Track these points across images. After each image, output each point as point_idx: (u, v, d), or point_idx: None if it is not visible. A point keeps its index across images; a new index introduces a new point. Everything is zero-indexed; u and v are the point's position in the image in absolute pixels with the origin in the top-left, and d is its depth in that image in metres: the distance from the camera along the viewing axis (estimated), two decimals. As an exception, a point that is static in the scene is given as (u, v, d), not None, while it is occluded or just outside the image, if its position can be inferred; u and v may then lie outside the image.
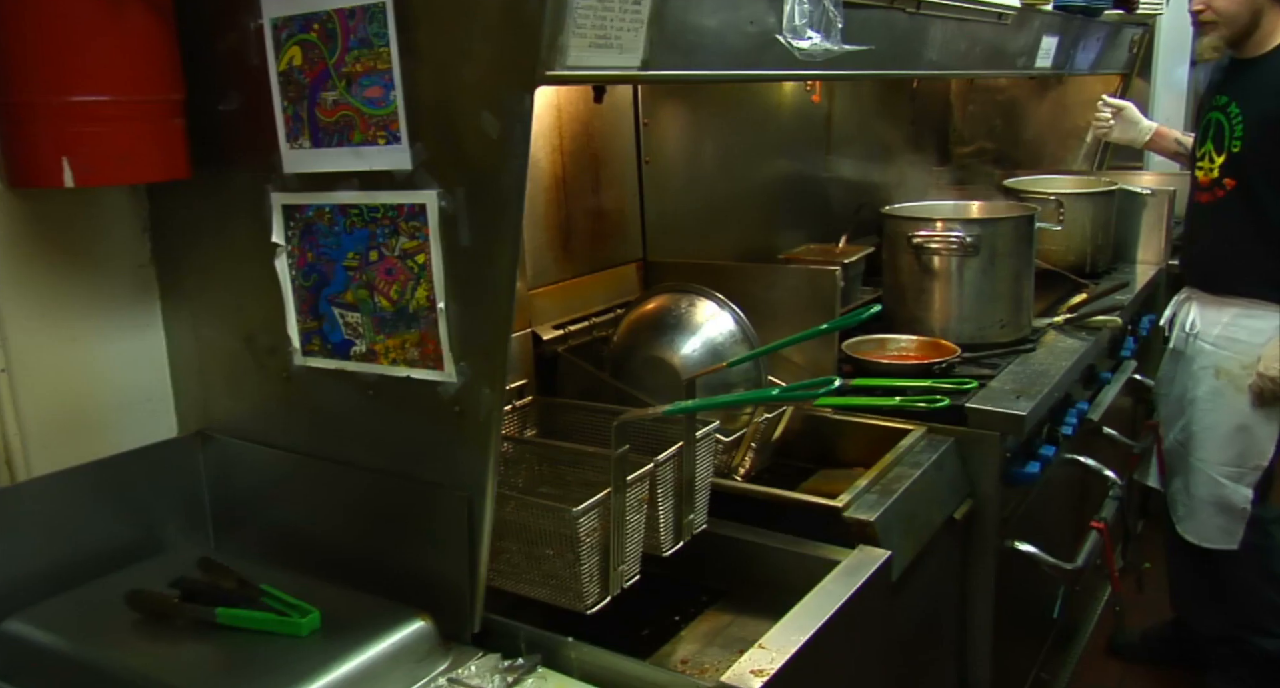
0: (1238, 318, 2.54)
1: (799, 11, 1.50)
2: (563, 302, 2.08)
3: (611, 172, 2.21)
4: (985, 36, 2.52)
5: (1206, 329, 2.60)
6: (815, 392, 1.35)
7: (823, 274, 2.13)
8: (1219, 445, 2.58)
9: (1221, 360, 2.56)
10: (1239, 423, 2.54)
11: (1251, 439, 2.54)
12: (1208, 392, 2.59)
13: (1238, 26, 2.40)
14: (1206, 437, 2.61)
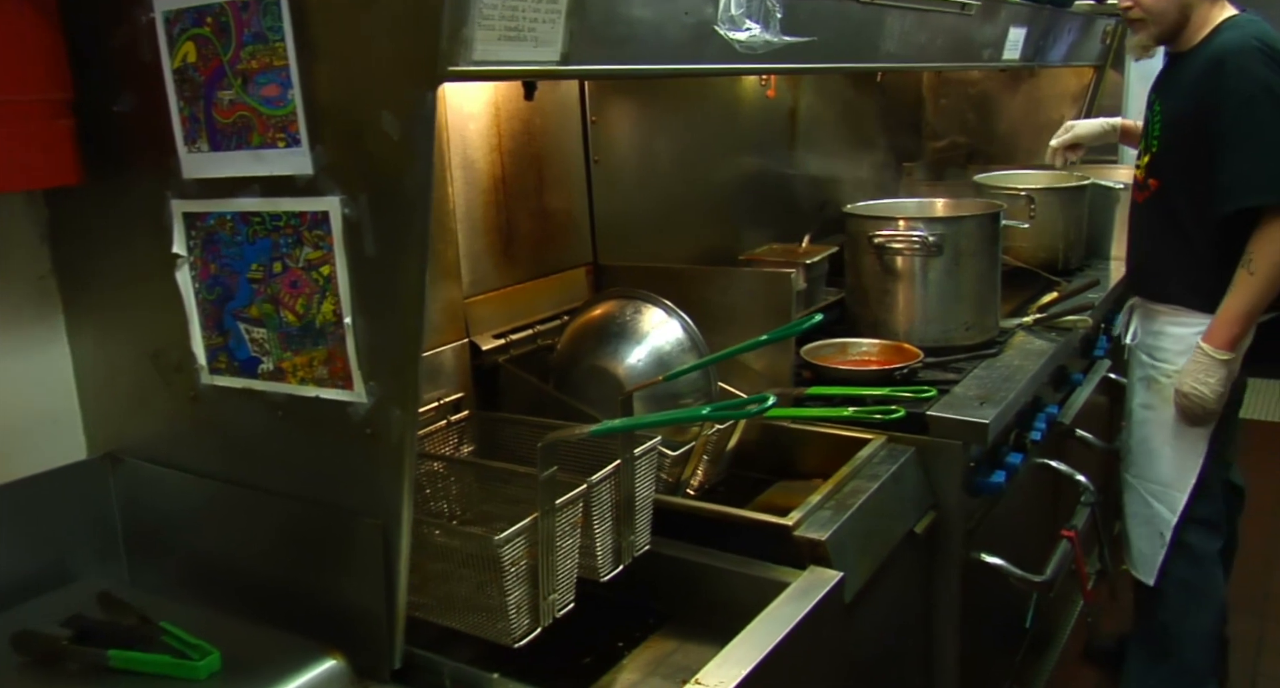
0: (1165, 325, 2.38)
1: (735, 1, 1.40)
2: (504, 309, 1.98)
3: (556, 172, 2.11)
4: (948, 28, 2.42)
5: (1142, 338, 2.47)
6: (747, 411, 1.26)
7: (778, 277, 2.04)
8: (1149, 462, 2.42)
9: (1151, 371, 2.41)
10: (1164, 438, 2.37)
11: (1177, 458, 2.36)
12: (1140, 404, 2.44)
13: (1166, 23, 2.26)
14: (1139, 451, 2.45)
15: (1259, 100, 2.09)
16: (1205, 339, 2.22)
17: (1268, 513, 4.23)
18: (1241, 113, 2.10)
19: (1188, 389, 2.25)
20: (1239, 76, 2.11)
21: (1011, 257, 3.19)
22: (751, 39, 1.46)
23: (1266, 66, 2.10)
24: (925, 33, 2.30)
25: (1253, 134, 2.10)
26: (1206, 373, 2.21)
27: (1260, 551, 3.89)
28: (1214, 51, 2.18)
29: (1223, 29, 2.22)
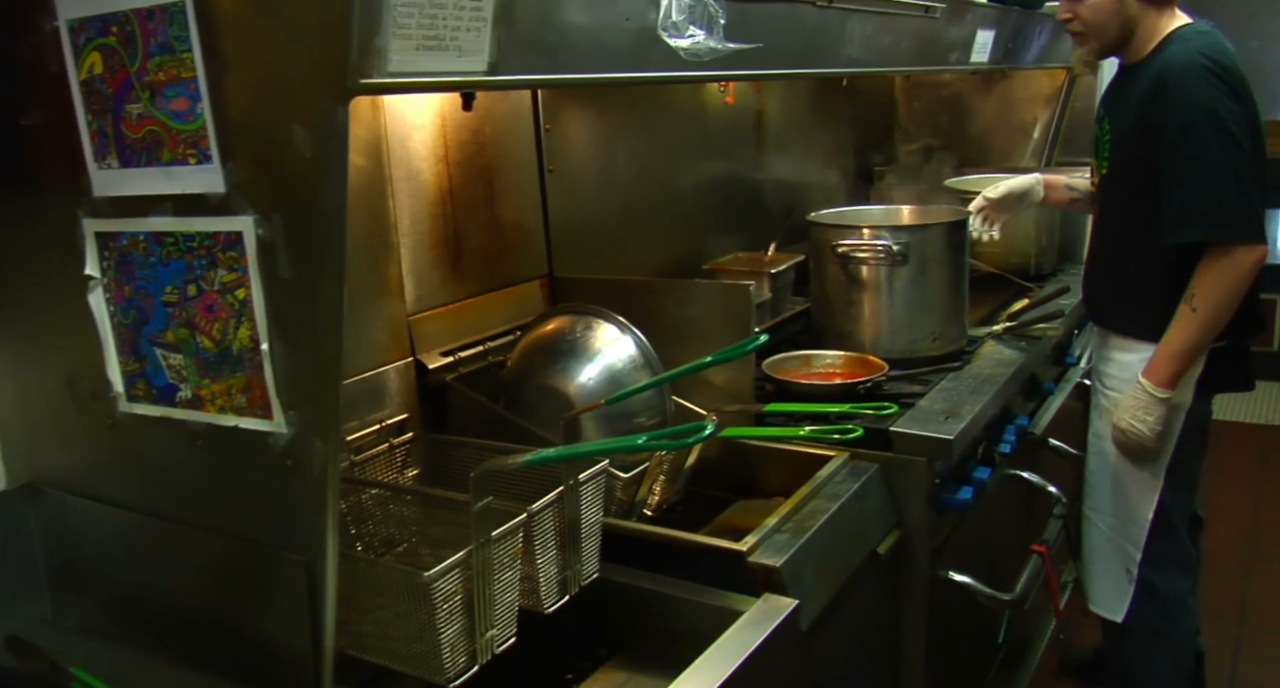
0: (1114, 352, 2.25)
1: (676, 6, 1.34)
2: (453, 325, 1.91)
3: (508, 182, 2.05)
4: (913, 31, 2.37)
5: (1095, 362, 2.36)
6: (684, 442, 1.20)
7: (737, 290, 1.98)
8: (1104, 493, 2.30)
9: (1102, 398, 2.28)
10: (1120, 470, 2.23)
11: (1130, 490, 2.22)
12: (1095, 433, 2.31)
13: (1108, 38, 2.12)
14: (1094, 482, 2.31)
15: (1201, 125, 1.95)
16: (1145, 374, 2.10)
17: (1244, 517, 4.20)
18: (1183, 138, 1.96)
19: (1124, 425, 2.13)
20: (1182, 98, 1.97)
21: (983, 262, 3.13)
22: (696, 46, 1.39)
23: (1211, 86, 1.96)
24: (889, 36, 2.24)
25: (1195, 161, 1.96)
26: (1145, 410, 2.09)
27: (1236, 555, 3.86)
28: (1159, 69, 2.03)
29: (1170, 42, 2.07)
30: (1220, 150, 1.93)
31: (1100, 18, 2.08)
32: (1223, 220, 1.96)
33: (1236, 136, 1.94)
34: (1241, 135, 1.95)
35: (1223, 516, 4.09)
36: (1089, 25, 2.10)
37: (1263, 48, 5.62)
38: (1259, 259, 1.99)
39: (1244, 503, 4.31)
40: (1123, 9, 2.07)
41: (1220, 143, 1.93)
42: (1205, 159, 1.94)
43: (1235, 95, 1.95)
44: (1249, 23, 5.61)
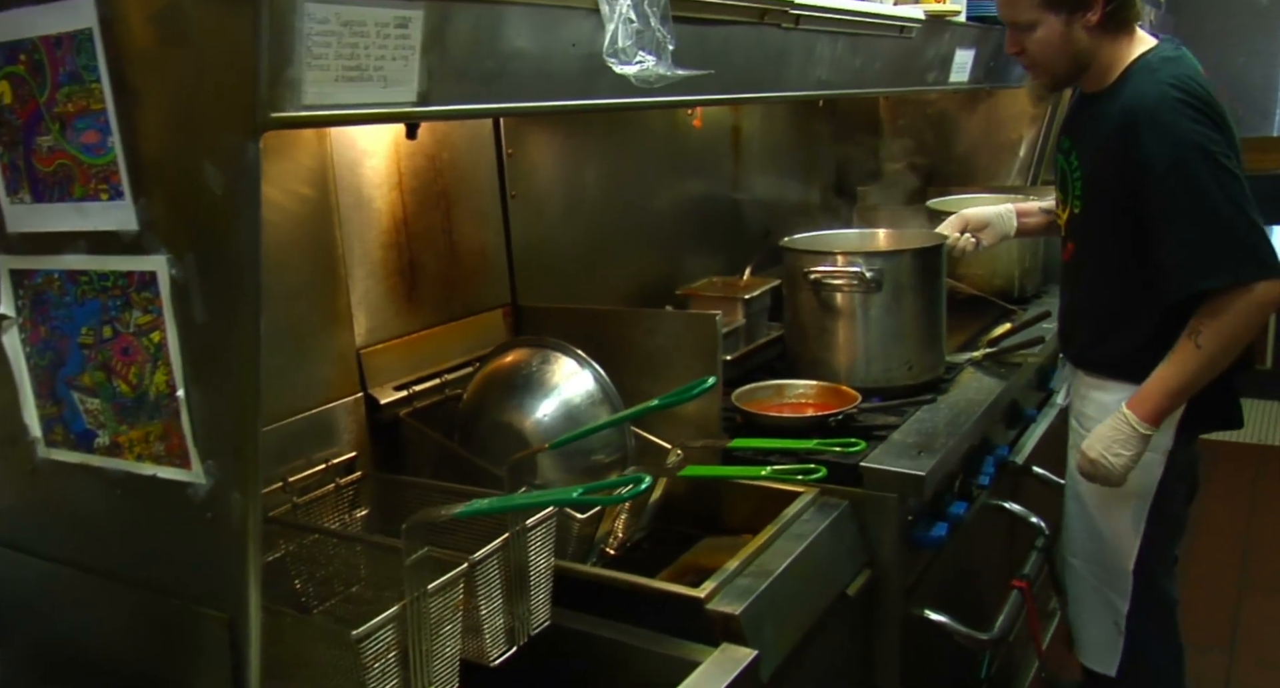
0: (1089, 390, 2.10)
1: (623, 32, 1.28)
2: (408, 358, 1.85)
3: (468, 209, 1.98)
4: (887, 51, 2.31)
5: (1071, 399, 2.23)
6: (618, 496, 1.13)
7: (703, 320, 1.92)
8: (1084, 540, 2.14)
9: (1079, 439, 2.09)
10: (1095, 515, 2.10)
11: (1110, 537, 2.08)
12: (1072, 476, 2.14)
13: (1057, 71, 1.97)
14: (1074, 527, 2.16)
15: (1189, 161, 1.79)
16: (1131, 406, 1.92)
17: (1235, 541, 4.13)
18: (1172, 179, 1.80)
19: (1095, 455, 1.96)
20: (1160, 137, 1.81)
21: (966, 284, 3.08)
22: (644, 72, 1.33)
23: (1190, 119, 1.80)
24: (861, 57, 2.19)
25: (1194, 201, 1.79)
26: (1122, 445, 1.92)
27: (1227, 581, 3.79)
28: (1127, 105, 1.86)
29: (1134, 72, 1.91)
30: (1218, 186, 1.79)
31: (1048, 52, 1.93)
32: (1243, 261, 1.80)
33: (1229, 168, 1.81)
34: (1233, 165, 1.82)
35: (1213, 539, 4.02)
36: (1036, 63, 1.97)
37: (1249, 64, 5.58)
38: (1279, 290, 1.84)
39: (1235, 526, 4.24)
40: (1071, 43, 1.90)
41: (1216, 177, 1.79)
42: (1204, 197, 1.79)
43: (1215, 124, 1.82)
44: (1234, 40, 5.58)
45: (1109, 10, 1.87)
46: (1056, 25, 1.89)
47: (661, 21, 1.30)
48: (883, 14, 2.18)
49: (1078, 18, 1.88)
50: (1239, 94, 5.53)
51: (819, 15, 1.91)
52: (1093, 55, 1.93)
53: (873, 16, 2.14)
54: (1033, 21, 1.91)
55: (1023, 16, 1.92)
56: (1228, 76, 5.52)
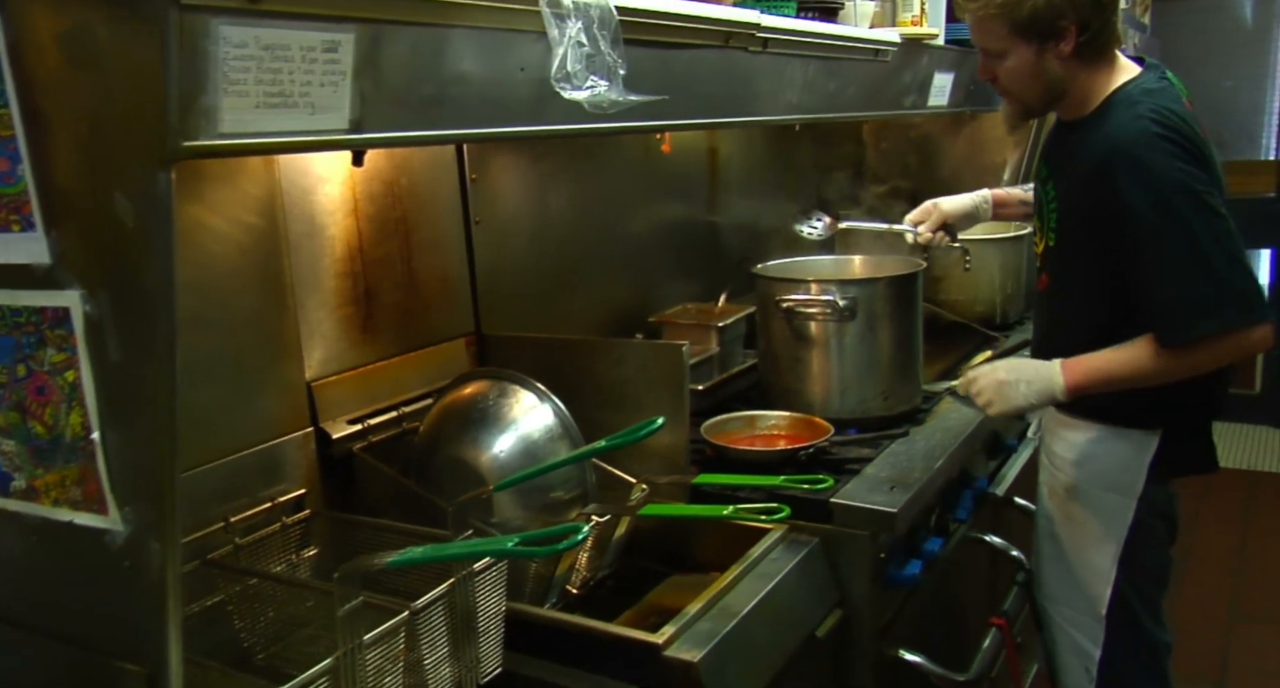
0: (1059, 427, 2.01)
1: (572, 56, 1.23)
2: (364, 390, 1.79)
3: (429, 236, 1.93)
4: (862, 75, 2.27)
5: (1044, 438, 2.11)
6: (555, 547, 1.08)
7: (669, 350, 1.86)
8: (1054, 580, 2.05)
9: (1047, 476, 2.05)
10: (1068, 557, 2.01)
11: (1082, 581, 1.98)
12: (1044, 515, 2.07)
13: (1030, 100, 1.88)
14: (1046, 570, 2.07)
15: (1172, 201, 1.70)
16: (1065, 368, 1.84)
17: (1226, 568, 4.07)
18: (1157, 220, 1.71)
19: (1005, 376, 1.88)
20: (1141, 176, 1.71)
21: (947, 310, 3.04)
22: (596, 97, 1.28)
23: (1171, 156, 1.70)
24: (835, 81, 2.15)
25: (1178, 245, 1.71)
26: (1033, 392, 1.85)
27: (1218, 610, 3.73)
28: (1107, 139, 1.77)
29: (1115, 104, 1.82)
30: (1205, 226, 1.70)
31: (1019, 81, 1.84)
32: (1234, 306, 1.72)
33: (1213, 206, 1.73)
34: (1217, 203, 1.74)
35: (1203, 569, 3.97)
36: (1007, 92, 1.90)
37: (1235, 88, 5.57)
38: (1268, 335, 1.76)
39: (1226, 555, 4.18)
40: (1043, 72, 1.81)
41: (1201, 217, 1.70)
42: (1192, 240, 1.70)
43: (1197, 160, 1.74)
44: (1220, 63, 5.57)
45: (1083, 40, 1.79)
46: (1027, 54, 1.81)
47: (612, 45, 1.25)
48: (856, 37, 2.14)
49: (1050, 47, 1.79)
50: (1225, 117, 5.52)
51: (789, 39, 1.86)
52: (1067, 84, 1.85)
53: (846, 40, 2.10)
54: (1003, 50, 1.83)
55: (993, 44, 1.84)
56: (1214, 100, 5.50)
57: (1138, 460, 1.92)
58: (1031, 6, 1.75)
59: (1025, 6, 1.75)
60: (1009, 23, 1.78)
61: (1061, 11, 1.75)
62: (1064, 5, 1.75)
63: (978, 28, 1.86)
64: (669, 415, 1.87)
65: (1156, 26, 5.45)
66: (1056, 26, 1.77)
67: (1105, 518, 1.95)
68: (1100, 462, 1.96)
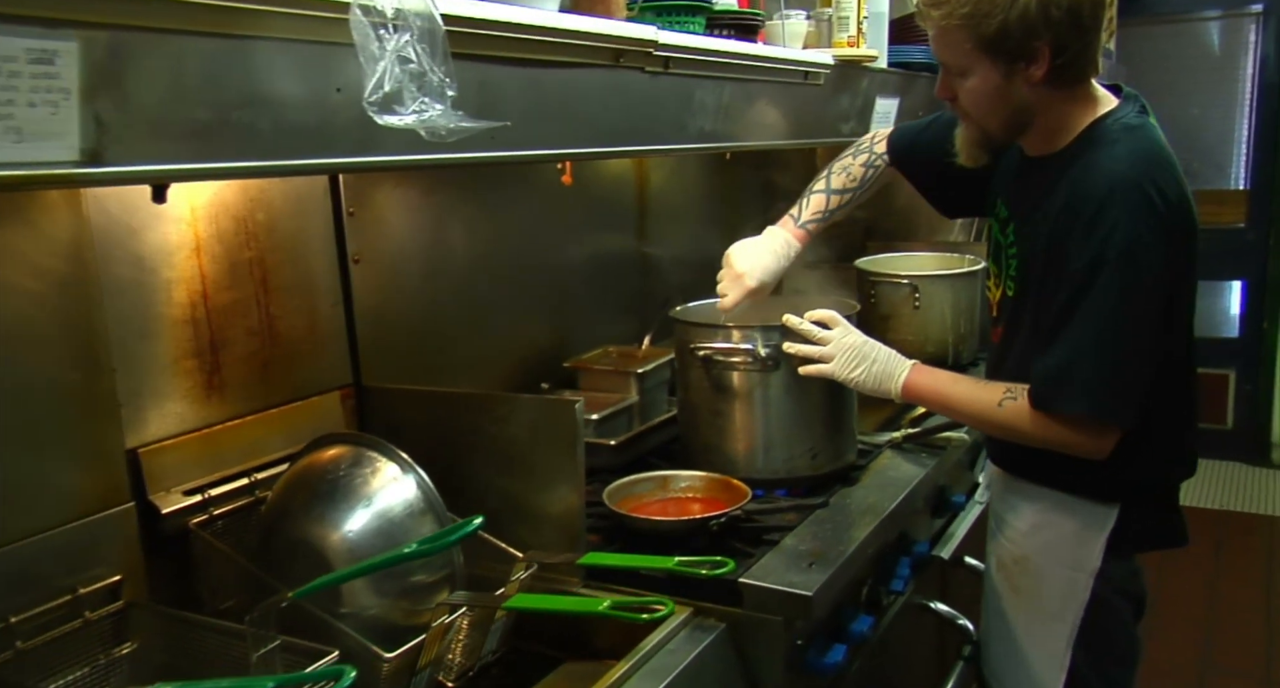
0: (1012, 495, 1.81)
1: (390, 74, 1.02)
2: (208, 455, 1.57)
3: (293, 276, 1.72)
4: (789, 99, 2.08)
5: (992, 499, 1.92)
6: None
7: (560, 407, 1.65)
8: (1001, 659, 1.84)
9: (998, 545, 1.85)
10: (1017, 634, 1.81)
11: (1033, 661, 1.79)
12: (992, 588, 1.87)
13: (993, 127, 1.64)
14: (993, 646, 1.87)
15: (1109, 268, 1.51)
16: (911, 375, 1.79)
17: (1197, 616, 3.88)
18: (1084, 282, 1.54)
19: (855, 341, 1.82)
20: (1096, 229, 1.52)
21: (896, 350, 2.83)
22: (429, 123, 1.07)
23: (1140, 216, 1.50)
24: (757, 106, 1.95)
25: (1091, 314, 1.54)
26: (870, 376, 1.81)
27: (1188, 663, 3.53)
28: (1080, 181, 1.56)
29: (1095, 141, 1.59)
30: (1127, 308, 1.53)
31: (981, 104, 1.60)
32: (1107, 398, 1.56)
33: (1149, 286, 1.53)
34: (1159, 281, 1.54)
35: (1172, 617, 3.77)
36: (967, 110, 1.64)
37: (1203, 116, 5.43)
38: (1108, 447, 1.61)
39: (1195, 602, 3.99)
40: (1010, 97, 1.58)
41: (1130, 297, 1.53)
42: (1105, 318, 1.54)
43: (1169, 221, 1.53)
44: (1189, 90, 5.43)
45: (1058, 64, 1.53)
46: (993, 76, 1.57)
47: (438, 61, 1.04)
48: (780, 58, 1.95)
49: (1019, 70, 1.55)
50: (1193, 146, 5.39)
51: (696, 59, 1.67)
52: (1036, 114, 1.62)
53: (767, 61, 1.91)
54: (965, 67, 1.59)
55: (954, 59, 1.60)
56: (1181, 127, 5.37)
57: (1094, 534, 1.73)
58: (1002, 21, 1.50)
59: (994, 20, 1.50)
60: (974, 37, 1.53)
61: (1036, 30, 1.50)
62: (1039, 23, 1.50)
63: (939, 38, 1.61)
64: (562, 480, 1.68)
65: (1122, 52, 5.32)
66: (1029, 47, 1.52)
67: (1058, 595, 1.75)
68: (1052, 533, 1.76)
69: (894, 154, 2.03)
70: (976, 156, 1.70)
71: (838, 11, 2.23)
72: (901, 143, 2.03)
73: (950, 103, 1.67)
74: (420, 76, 1.06)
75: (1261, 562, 4.38)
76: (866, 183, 2.06)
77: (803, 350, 1.85)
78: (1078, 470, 1.67)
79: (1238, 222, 5.43)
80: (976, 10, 1.51)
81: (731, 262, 1.97)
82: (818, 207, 2.04)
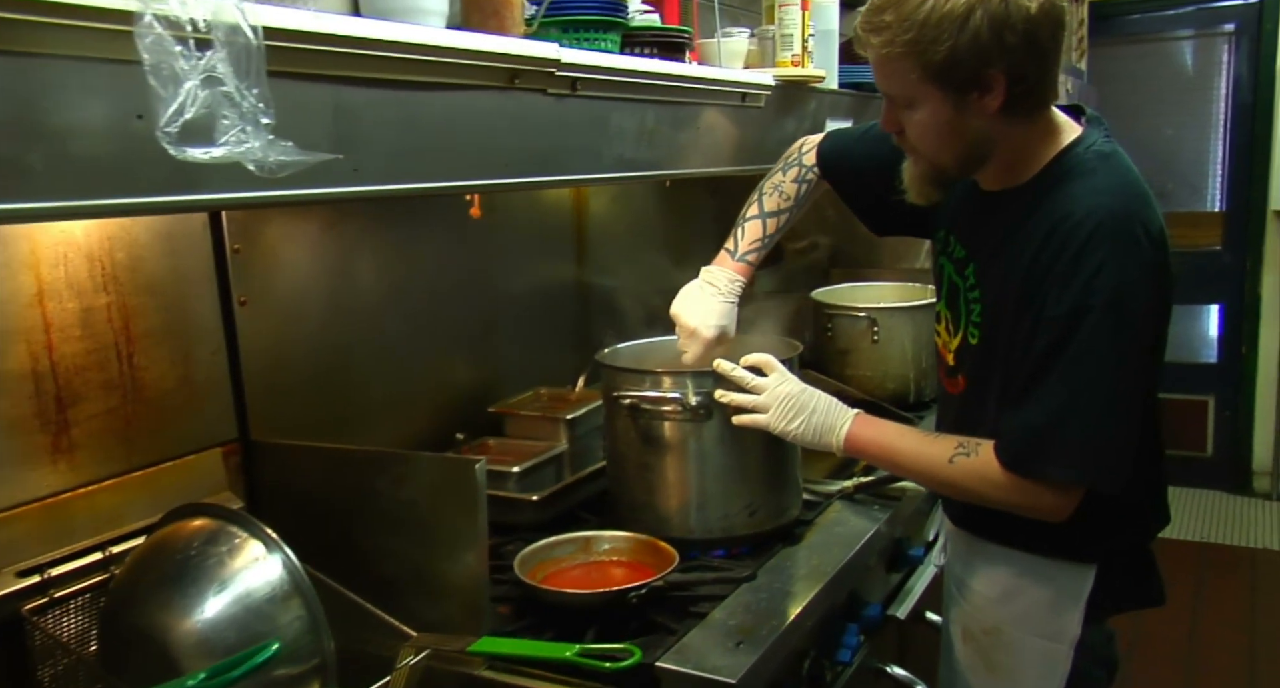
0: (974, 557, 1.65)
1: (195, 98, 0.85)
2: (53, 527, 1.39)
3: (163, 322, 1.54)
4: (725, 123, 1.92)
5: (951, 561, 1.76)
6: None
7: (458, 466, 1.48)
8: None
9: (963, 615, 1.68)
10: None
11: None
12: (954, 658, 1.70)
13: (944, 165, 1.47)
14: None
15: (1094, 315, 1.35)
16: (854, 426, 1.60)
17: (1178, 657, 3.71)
18: (1065, 329, 1.37)
19: (795, 389, 1.64)
20: (1080, 269, 1.36)
21: (854, 387, 2.67)
22: (249, 155, 0.90)
23: (1128, 253, 1.35)
24: (687, 131, 1.79)
25: (1073, 367, 1.38)
26: (815, 432, 1.62)
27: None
28: (1059, 216, 1.39)
29: (1065, 173, 1.43)
30: (1112, 359, 1.37)
31: (932, 139, 1.44)
32: (1096, 461, 1.40)
33: (1137, 336, 1.39)
34: (1145, 329, 1.40)
35: (1153, 656, 3.61)
36: (916, 151, 1.48)
37: (1177, 137, 5.32)
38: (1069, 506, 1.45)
39: (1176, 641, 3.82)
40: (964, 129, 1.41)
41: (1115, 346, 1.37)
42: (1088, 371, 1.38)
43: (1155, 274, 1.39)
44: (1162, 111, 5.31)
45: (1015, 93, 1.37)
46: (943, 108, 1.39)
47: (248, 83, 0.87)
48: (711, 79, 1.79)
49: (972, 100, 1.38)
50: (1168, 167, 5.27)
51: (610, 80, 1.50)
52: (994, 146, 1.44)
53: (698, 81, 1.75)
54: (912, 98, 1.42)
55: (899, 90, 1.43)
56: (1155, 149, 5.25)
57: (1072, 600, 1.56)
58: (950, 48, 1.32)
59: (941, 47, 1.33)
60: (920, 65, 1.36)
61: (988, 58, 1.33)
62: (992, 49, 1.33)
63: (881, 68, 1.43)
64: (464, 546, 1.51)
65: (1093, 72, 5.20)
66: (982, 75, 1.35)
67: (1036, 671, 1.59)
68: (1027, 600, 1.60)
69: (825, 166, 1.86)
70: (928, 194, 1.53)
71: (780, 29, 2.07)
72: (832, 154, 1.86)
73: (897, 137, 1.50)
74: (234, 101, 0.89)
75: (1244, 598, 4.22)
76: (802, 199, 1.89)
77: (736, 400, 1.68)
78: (1051, 531, 1.50)
79: (1214, 244, 5.30)
80: (921, 36, 1.34)
81: (680, 319, 1.80)
82: (754, 235, 1.87)
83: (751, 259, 1.87)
